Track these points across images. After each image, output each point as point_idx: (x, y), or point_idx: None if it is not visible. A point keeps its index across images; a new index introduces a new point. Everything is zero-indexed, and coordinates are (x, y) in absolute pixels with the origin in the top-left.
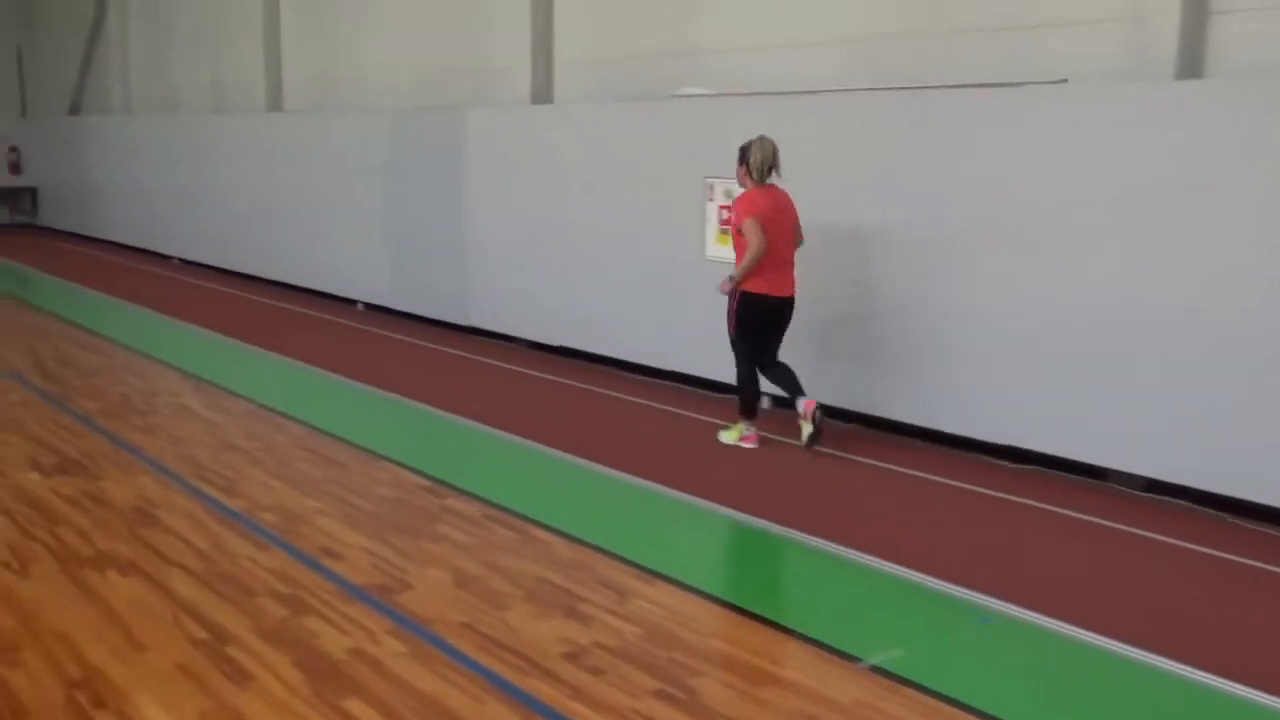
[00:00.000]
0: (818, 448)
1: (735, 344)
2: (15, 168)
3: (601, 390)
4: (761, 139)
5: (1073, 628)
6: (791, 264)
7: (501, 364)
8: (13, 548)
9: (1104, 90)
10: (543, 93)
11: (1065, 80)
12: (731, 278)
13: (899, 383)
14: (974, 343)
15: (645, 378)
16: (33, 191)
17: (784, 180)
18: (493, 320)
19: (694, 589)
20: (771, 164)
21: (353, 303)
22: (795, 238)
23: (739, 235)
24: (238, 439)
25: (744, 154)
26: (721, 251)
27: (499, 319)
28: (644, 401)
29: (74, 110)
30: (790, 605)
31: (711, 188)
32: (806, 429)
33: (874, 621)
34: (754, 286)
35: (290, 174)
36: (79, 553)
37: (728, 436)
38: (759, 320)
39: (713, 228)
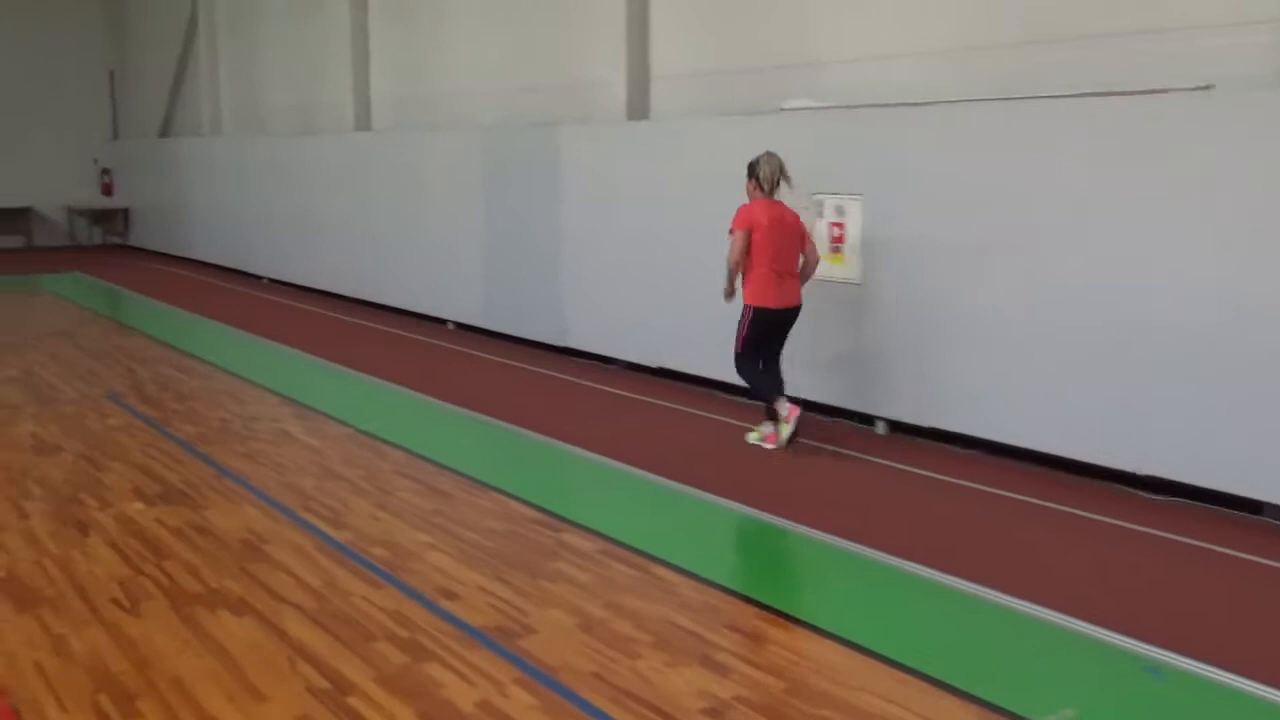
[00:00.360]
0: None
1: (739, 359)
2: (108, 189)
3: (706, 414)
4: (769, 154)
5: (1250, 682)
6: (795, 275)
7: (601, 386)
8: (123, 584)
9: (1253, 97)
10: (639, 107)
11: (1211, 87)
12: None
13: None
14: (1188, 361)
15: (749, 401)
16: (125, 212)
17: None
18: (590, 341)
19: (835, 636)
20: (778, 178)
21: (443, 322)
22: (799, 251)
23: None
24: (339, 466)
25: (753, 169)
26: (833, 270)
27: (597, 339)
28: (750, 427)
29: (164, 132)
30: (947, 657)
31: (821, 205)
32: (784, 431)
33: (1038, 674)
34: (760, 301)
35: (380, 193)
36: (189, 590)
37: (753, 436)
38: (766, 332)
39: (823, 246)
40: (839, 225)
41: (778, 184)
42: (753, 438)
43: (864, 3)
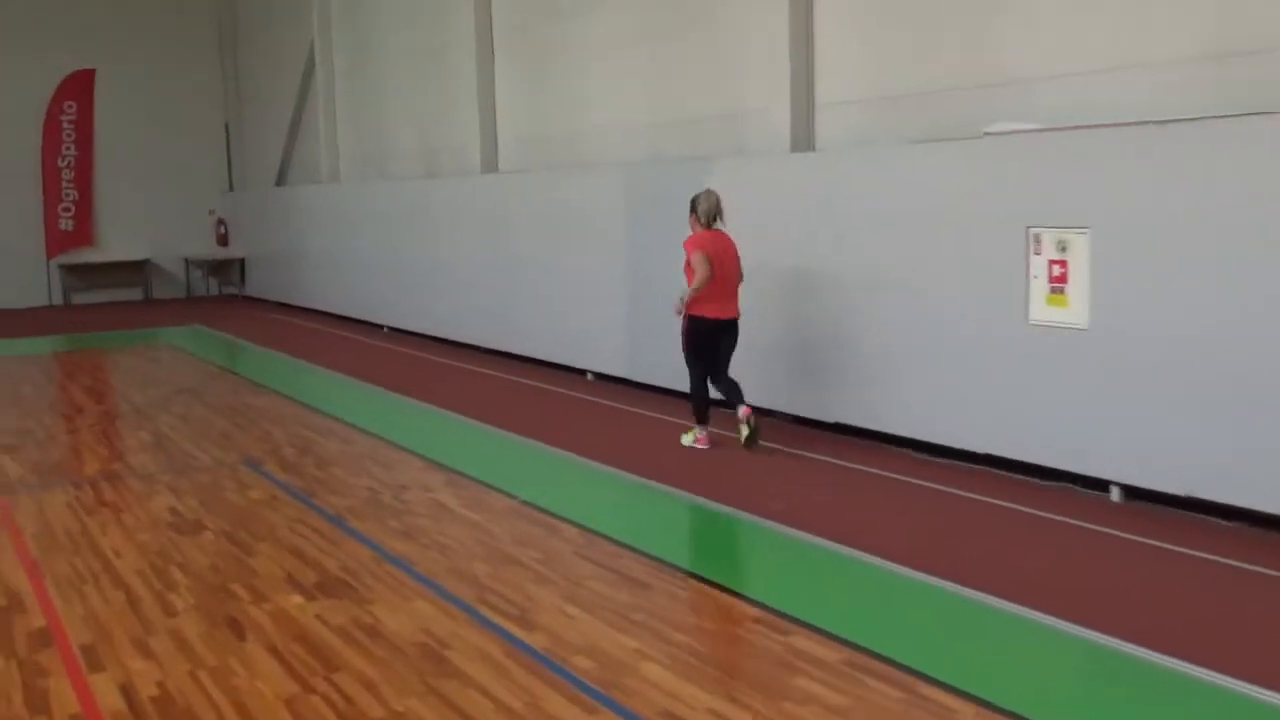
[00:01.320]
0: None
1: (687, 360)
2: (223, 239)
3: (907, 479)
4: (708, 191)
5: None
6: (734, 293)
7: (772, 445)
8: (292, 705)
9: None
10: (803, 137)
11: None
12: (682, 299)
13: None
14: None
15: (951, 460)
16: (241, 263)
17: (1114, 228)
18: (751, 393)
19: None
20: (716, 213)
21: (580, 373)
22: (737, 273)
23: (689, 267)
24: (511, 547)
25: (694, 204)
26: (1051, 314)
27: (759, 392)
28: (965, 494)
29: (280, 180)
30: None
31: (1038, 239)
32: (744, 431)
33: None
34: (700, 311)
35: (509, 237)
36: (370, 714)
37: (686, 438)
38: (705, 338)
39: (1040, 286)
40: (1060, 263)
41: (715, 218)
42: (686, 439)
43: (1077, 8)
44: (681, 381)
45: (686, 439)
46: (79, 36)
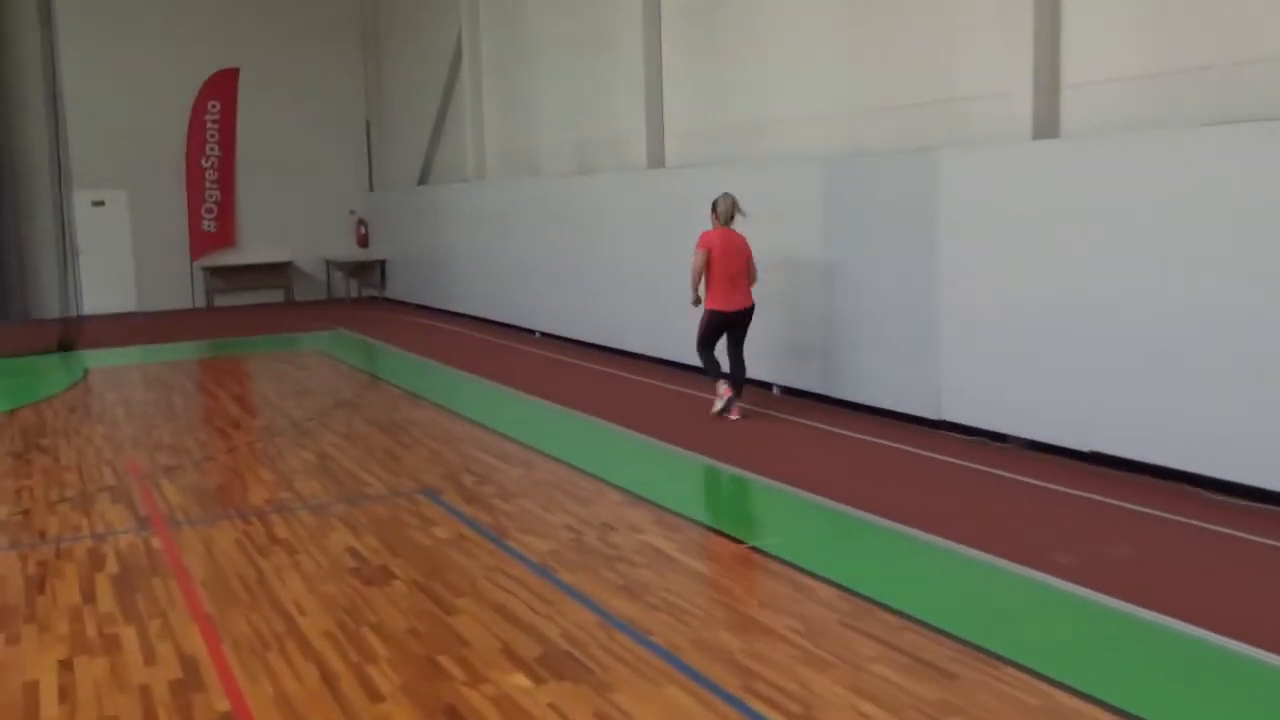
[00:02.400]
0: None
1: (699, 348)
2: (364, 240)
3: (1225, 530)
4: (725, 194)
5: None
6: (741, 286)
7: (1018, 476)
8: None
9: None
10: (1047, 122)
11: None
12: (699, 296)
13: None
14: None
15: (1258, 504)
16: (381, 264)
17: None
18: (977, 413)
19: None
20: (732, 213)
21: (767, 386)
22: (747, 268)
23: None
24: (759, 613)
25: (715, 205)
26: None
27: (986, 412)
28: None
29: (423, 179)
30: None
31: None
32: (718, 405)
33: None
34: (712, 304)
35: (675, 237)
36: None
37: (718, 405)
38: (718, 328)
39: None
40: None
41: (732, 217)
42: (718, 406)
43: None
44: (881, 397)
45: (718, 405)
46: (223, 34)
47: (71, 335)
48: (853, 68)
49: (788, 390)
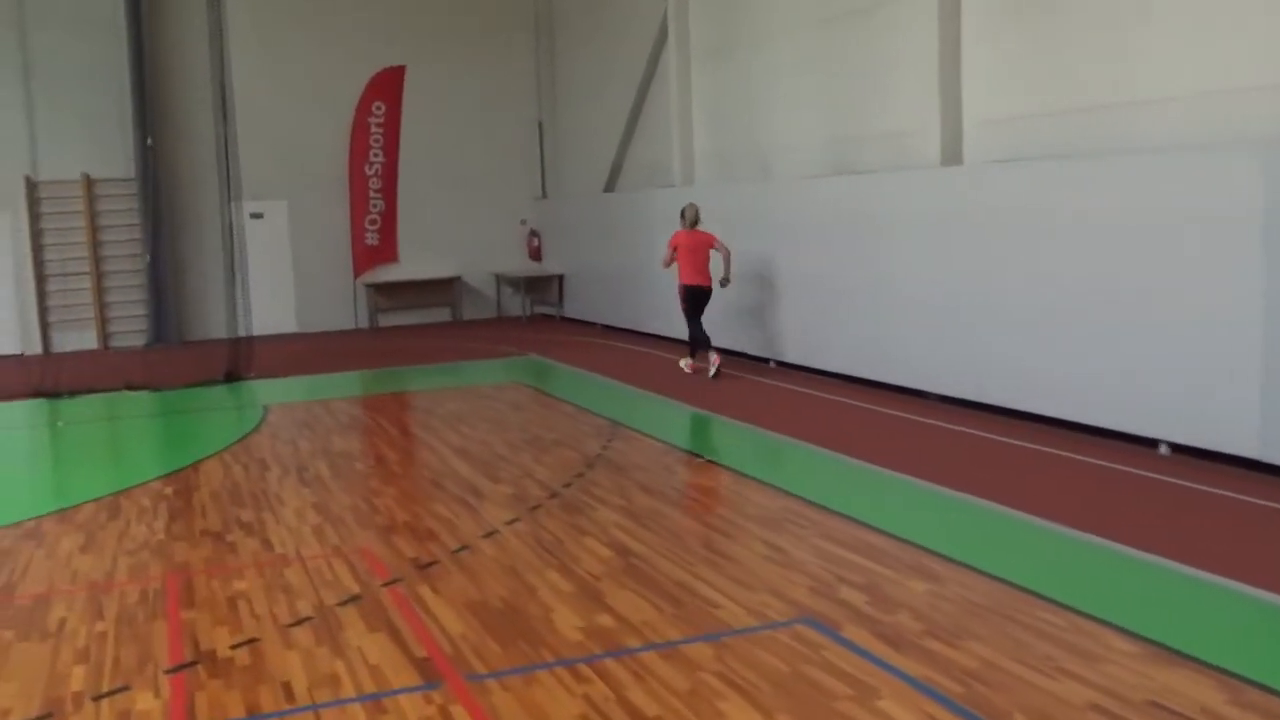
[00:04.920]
0: None
1: (685, 314)
2: (536, 254)
3: None
4: (691, 203)
5: None
6: (703, 265)
7: None
8: None
9: None
10: None
11: None
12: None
13: None
14: None
15: None
16: (559, 279)
17: None
18: None
19: None
20: (695, 219)
21: (1151, 444)
22: (707, 255)
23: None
24: None
25: (683, 212)
26: None
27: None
28: None
29: (610, 185)
30: None
31: None
32: (684, 362)
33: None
34: (681, 280)
35: (985, 249)
36: None
37: (684, 363)
38: (687, 298)
39: None
40: None
41: (694, 221)
42: (683, 364)
43: None
44: None
45: (683, 363)
46: (383, 31)
47: (240, 363)
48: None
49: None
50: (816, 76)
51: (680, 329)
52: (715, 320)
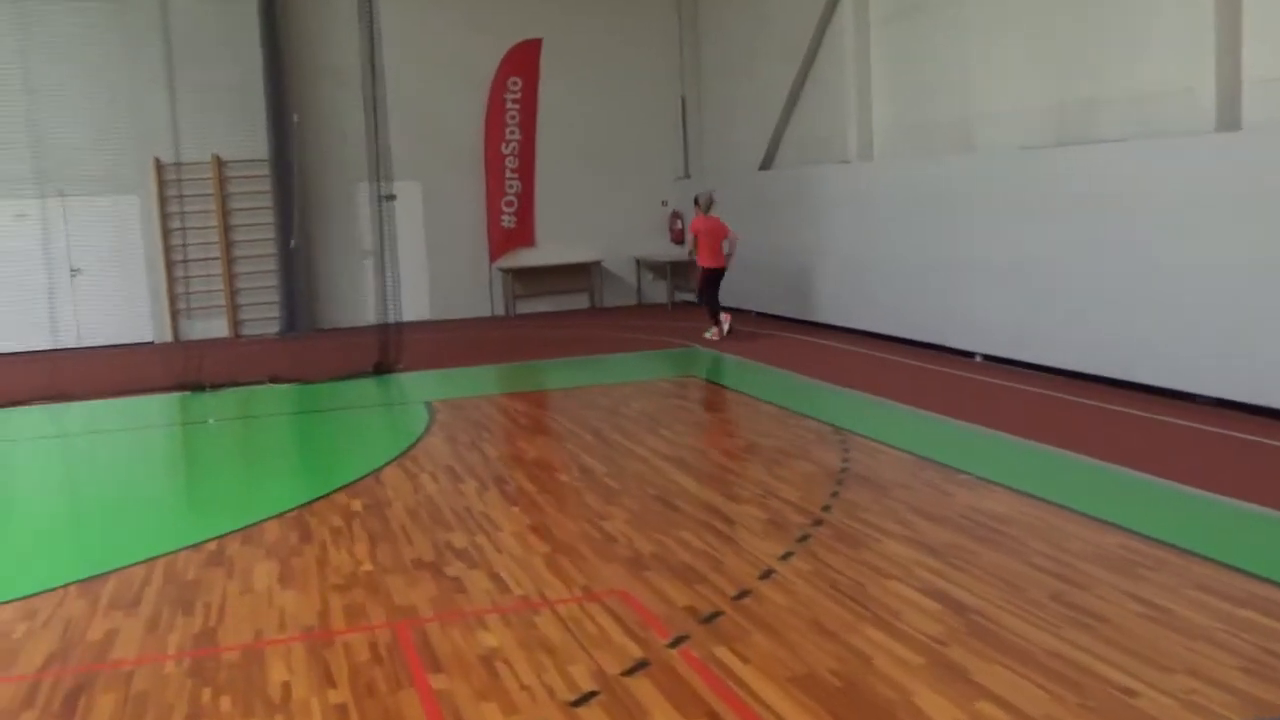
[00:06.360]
0: None
1: (700, 291)
2: (679, 237)
3: None
4: (705, 191)
5: None
6: (719, 251)
7: None
8: None
9: None
10: None
11: None
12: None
13: None
14: None
15: None
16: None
17: None
18: None
19: None
20: (709, 204)
21: None
22: (721, 240)
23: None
24: None
25: (697, 199)
26: None
27: None
28: None
29: (767, 163)
30: None
31: None
32: (710, 332)
33: None
34: (700, 261)
35: (1270, 231)
36: None
37: (709, 334)
38: (705, 277)
39: None
40: None
41: (709, 208)
42: (709, 334)
43: None
44: None
45: (709, 334)
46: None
47: (390, 354)
48: None
49: None
50: (1032, 34)
51: (848, 319)
52: (875, 308)
